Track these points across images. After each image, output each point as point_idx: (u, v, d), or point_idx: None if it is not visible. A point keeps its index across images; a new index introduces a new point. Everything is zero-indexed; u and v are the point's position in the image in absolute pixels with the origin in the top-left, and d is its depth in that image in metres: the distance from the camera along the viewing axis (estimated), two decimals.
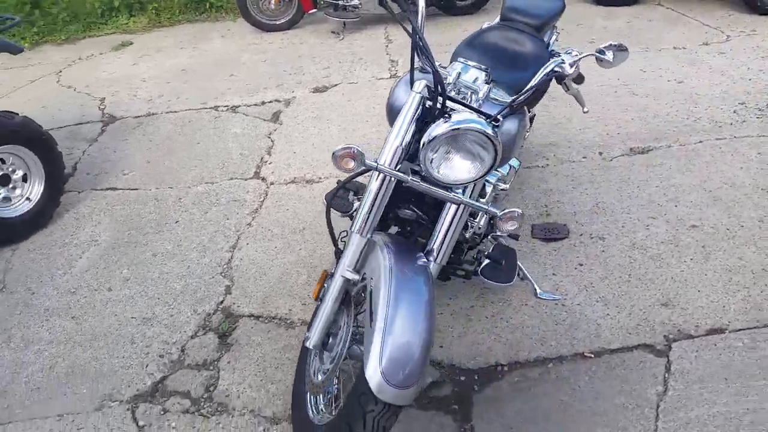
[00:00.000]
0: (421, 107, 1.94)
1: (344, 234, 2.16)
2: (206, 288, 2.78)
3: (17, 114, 3.19)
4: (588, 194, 3.20)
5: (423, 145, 1.78)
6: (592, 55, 2.02)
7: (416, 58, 1.90)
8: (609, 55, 2.04)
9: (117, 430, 2.18)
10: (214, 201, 3.41)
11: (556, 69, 2.00)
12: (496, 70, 2.48)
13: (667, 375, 2.24)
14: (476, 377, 2.31)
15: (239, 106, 4.53)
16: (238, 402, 2.25)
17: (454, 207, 1.96)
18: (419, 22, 1.92)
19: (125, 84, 5.11)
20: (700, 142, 3.54)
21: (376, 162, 1.83)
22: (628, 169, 3.37)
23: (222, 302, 2.70)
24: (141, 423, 2.20)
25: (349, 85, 4.72)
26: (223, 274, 2.86)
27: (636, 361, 2.31)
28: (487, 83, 2.11)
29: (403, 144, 1.93)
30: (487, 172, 1.85)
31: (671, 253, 2.77)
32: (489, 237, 2.60)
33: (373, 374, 1.66)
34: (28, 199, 3.25)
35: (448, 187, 1.88)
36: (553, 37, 3.10)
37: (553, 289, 2.65)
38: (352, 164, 1.78)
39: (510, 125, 2.05)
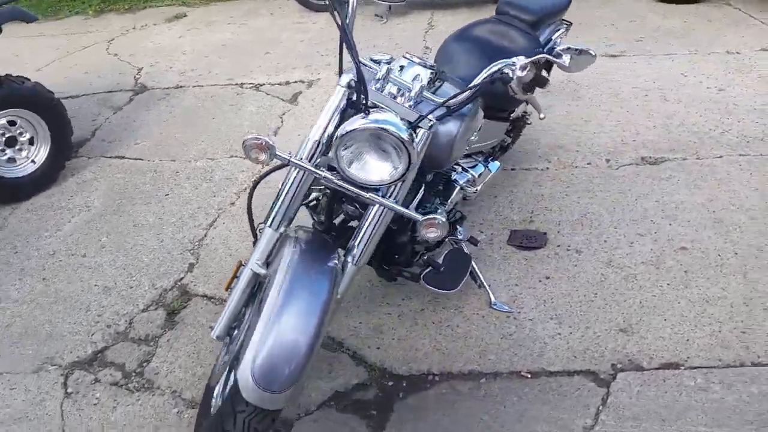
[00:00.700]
0: (346, 101, 1.88)
1: (263, 226, 2.13)
2: (171, 263, 2.84)
3: (29, 80, 3.35)
4: (579, 203, 3.01)
5: (335, 140, 1.72)
6: (545, 57, 1.86)
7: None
8: (565, 59, 1.88)
9: (45, 394, 2.27)
10: (208, 177, 3.47)
11: (505, 70, 1.85)
12: (472, 67, 2.37)
13: (601, 407, 2.08)
14: (404, 384, 2.23)
15: (263, 84, 4.57)
16: (164, 381, 2.29)
17: (377, 207, 1.88)
18: (348, 11, 1.84)
19: (166, 56, 5.26)
20: (720, 157, 3.25)
21: (289, 155, 1.78)
22: (631, 180, 3.14)
23: (181, 279, 2.74)
24: (69, 390, 2.28)
25: None
26: (191, 252, 2.90)
27: (573, 387, 2.16)
28: (431, 82, 1.97)
29: (323, 138, 1.87)
30: (403, 177, 1.76)
31: (648, 275, 2.56)
32: (447, 240, 2.51)
33: (243, 374, 1.63)
34: (33, 161, 3.42)
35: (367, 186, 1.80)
36: (557, 33, 2.92)
37: (511, 300, 2.52)
38: (263, 156, 1.75)
39: (449, 128, 1.92)
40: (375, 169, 1.75)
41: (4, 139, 3.28)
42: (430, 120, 1.80)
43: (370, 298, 2.57)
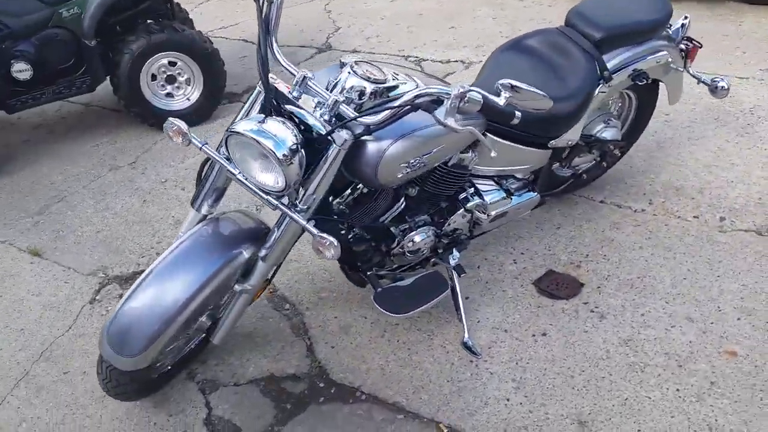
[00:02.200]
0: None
1: None
2: None
3: (188, 29, 3.83)
4: (648, 261, 2.50)
5: (224, 134, 1.74)
6: (471, 92, 1.60)
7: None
8: (500, 98, 1.60)
9: (79, 295, 2.71)
10: None
11: (421, 97, 1.64)
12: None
13: None
14: (332, 391, 2.19)
15: (426, 60, 4.54)
16: None
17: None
18: (272, 11, 1.79)
19: (365, 19, 5.48)
20: None
21: (201, 142, 1.85)
22: (731, 251, 2.49)
23: None
24: (97, 297, 2.69)
25: None
26: None
27: None
28: (361, 97, 1.79)
29: None
30: (286, 190, 1.71)
31: (660, 371, 2.06)
32: (432, 260, 2.34)
33: (103, 331, 1.81)
34: (188, 99, 3.95)
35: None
36: (651, 58, 2.40)
37: (487, 345, 2.26)
38: (179, 140, 1.86)
39: (377, 146, 1.74)
40: (260, 175, 1.72)
41: (165, 76, 3.85)
42: (348, 136, 1.68)
43: (364, 296, 2.51)
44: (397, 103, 1.67)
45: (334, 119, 1.70)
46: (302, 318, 2.47)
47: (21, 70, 3.59)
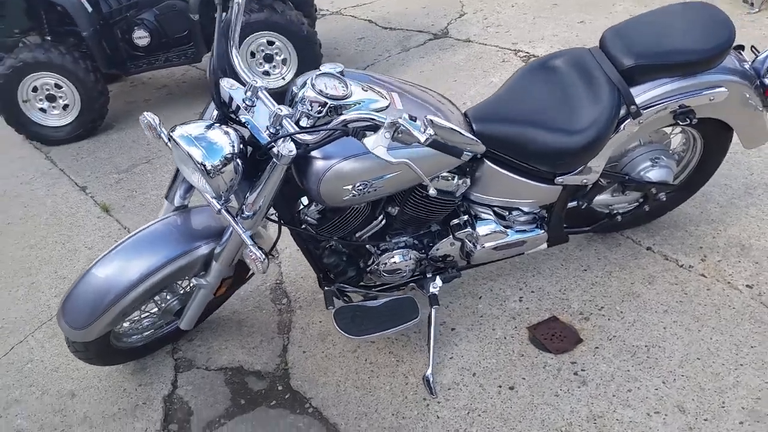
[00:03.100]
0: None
1: None
2: None
3: (288, 10, 3.92)
4: (666, 329, 2.16)
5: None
6: (402, 124, 1.48)
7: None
8: (422, 135, 1.48)
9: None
10: None
11: (354, 122, 1.56)
12: (529, 106, 1.98)
13: None
14: (286, 397, 2.20)
15: (534, 56, 4.23)
16: None
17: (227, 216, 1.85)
18: (233, 15, 1.76)
19: (495, 6, 5.21)
20: None
21: (170, 135, 1.91)
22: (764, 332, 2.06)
23: None
24: None
25: None
26: None
27: None
28: (332, 112, 1.72)
29: None
30: (219, 198, 1.72)
31: None
32: (410, 285, 2.24)
33: (60, 301, 1.97)
34: (283, 78, 4.08)
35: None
36: (712, 92, 2.02)
37: (448, 385, 2.12)
38: (149, 133, 1.94)
39: (321, 164, 1.70)
40: (195, 179, 1.74)
41: (264, 54, 4.00)
42: (287, 151, 1.63)
43: None
44: (330, 125, 1.60)
45: (279, 132, 1.67)
46: (291, 316, 2.49)
47: (140, 37, 3.96)
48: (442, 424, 2.00)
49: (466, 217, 2.15)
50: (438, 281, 2.21)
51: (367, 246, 2.12)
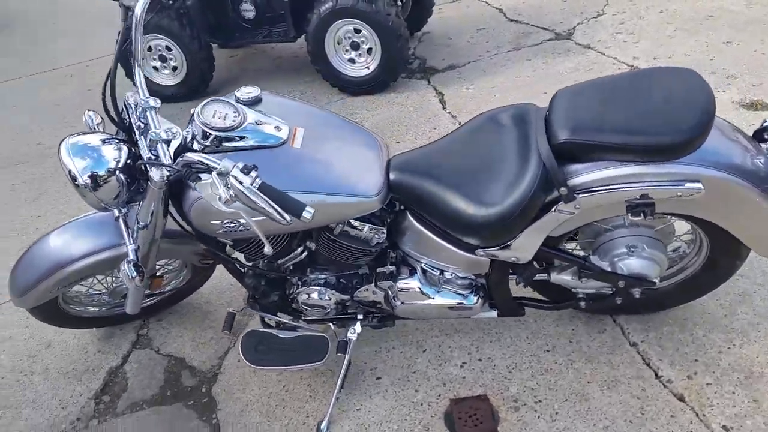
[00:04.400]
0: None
1: None
2: None
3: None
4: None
5: None
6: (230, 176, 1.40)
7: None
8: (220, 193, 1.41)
9: None
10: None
11: (190, 165, 1.51)
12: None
13: None
14: (203, 401, 2.25)
15: None
16: None
17: None
18: (133, 30, 1.72)
19: (641, 10, 4.56)
20: None
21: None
22: None
23: None
24: None
25: None
26: None
27: None
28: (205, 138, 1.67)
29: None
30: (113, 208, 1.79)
31: None
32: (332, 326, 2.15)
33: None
34: (366, 68, 4.01)
35: None
36: (682, 187, 1.60)
37: None
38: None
39: (193, 192, 1.67)
40: None
41: (350, 42, 3.95)
42: (158, 177, 1.64)
43: None
44: (175, 163, 1.57)
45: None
46: (249, 320, 2.51)
47: (247, 10, 4.16)
48: None
49: (393, 268, 1.98)
50: (358, 327, 2.08)
51: (288, 276, 2.05)
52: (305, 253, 1.97)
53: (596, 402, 1.96)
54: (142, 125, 1.74)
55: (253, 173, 1.40)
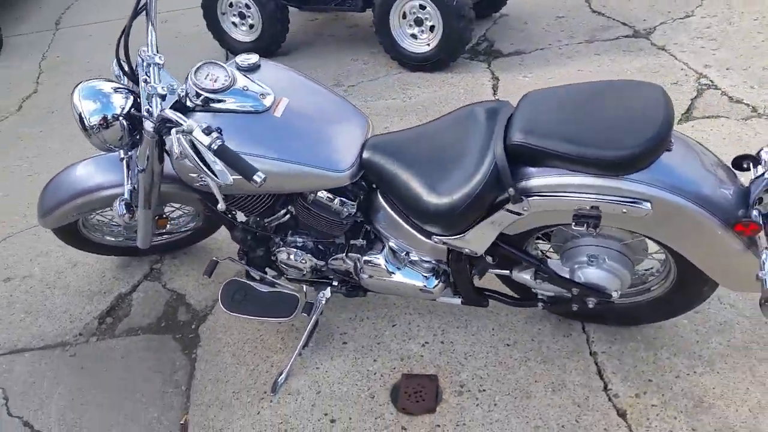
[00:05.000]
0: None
1: None
2: None
3: None
4: None
5: None
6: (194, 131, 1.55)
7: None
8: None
9: None
10: None
11: (162, 120, 1.66)
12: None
13: None
14: (189, 336, 2.46)
15: (717, 89, 3.46)
16: None
17: None
18: None
19: (732, 15, 4.25)
20: None
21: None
22: None
23: None
24: None
25: None
26: None
27: None
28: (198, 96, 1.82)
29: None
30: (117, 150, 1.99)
31: None
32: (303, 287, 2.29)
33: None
34: (427, 45, 4.03)
35: None
36: (632, 207, 1.58)
37: (296, 390, 2.15)
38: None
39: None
40: None
41: (414, 17, 3.98)
42: (150, 128, 1.81)
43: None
44: (154, 115, 1.72)
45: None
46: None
47: None
48: (257, 420, 2.07)
49: (364, 242, 2.07)
50: (328, 292, 2.20)
51: (272, 235, 2.19)
52: (287, 216, 2.10)
53: (536, 401, 1.98)
54: (146, 79, 1.91)
55: (214, 134, 1.53)
